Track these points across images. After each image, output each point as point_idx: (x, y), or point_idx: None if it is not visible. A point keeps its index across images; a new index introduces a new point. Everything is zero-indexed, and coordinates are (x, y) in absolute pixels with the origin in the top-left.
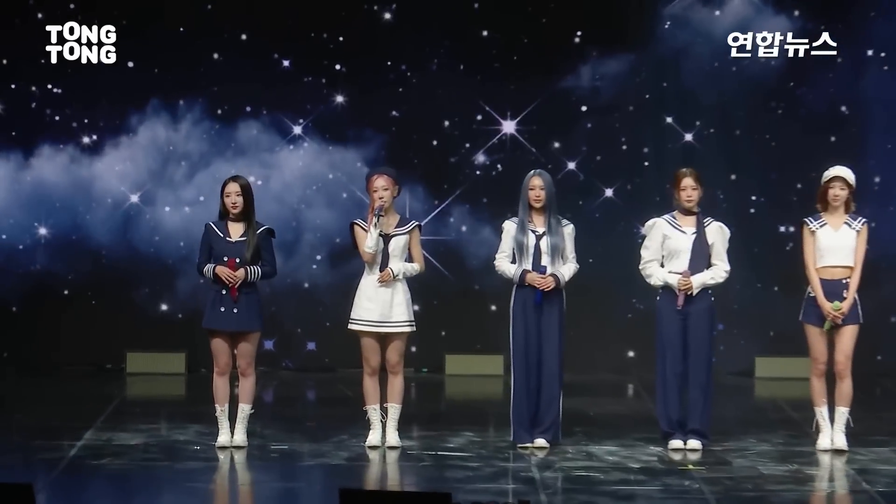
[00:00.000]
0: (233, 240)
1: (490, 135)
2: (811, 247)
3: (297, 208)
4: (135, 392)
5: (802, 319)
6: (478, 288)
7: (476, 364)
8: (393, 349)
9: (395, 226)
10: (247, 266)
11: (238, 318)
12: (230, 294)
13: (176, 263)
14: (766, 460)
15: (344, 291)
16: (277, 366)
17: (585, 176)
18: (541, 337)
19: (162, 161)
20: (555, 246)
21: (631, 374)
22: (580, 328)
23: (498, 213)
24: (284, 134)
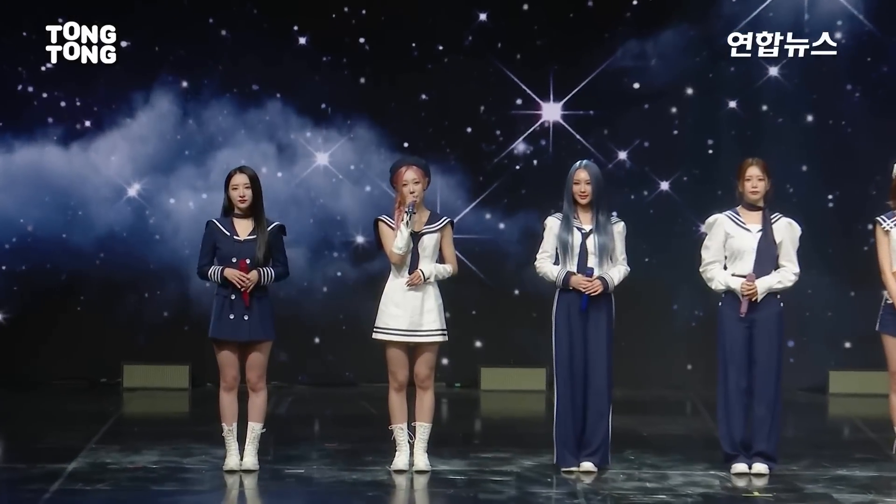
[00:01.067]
0: (241, 238)
1: (531, 121)
2: (886, 248)
3: (313, 203)
4: (132, 409)
5: (879, 329)
6: (517, 293)
7: (515, 378)
8: (423, 361)
9: (426, 223)
10: (259, 267)
11: (250, 326)
12: (241, 299)
13: (179, 264)
14: (841, 487)
15: (367, 296)
16: (292, 380)
17: (638, 167)
18: (587, 347)
19: (164, 149)
20: (603, 245)
21: (689, 389)
22: (632, 338)
23: (539, 208)
24: (299, 120)
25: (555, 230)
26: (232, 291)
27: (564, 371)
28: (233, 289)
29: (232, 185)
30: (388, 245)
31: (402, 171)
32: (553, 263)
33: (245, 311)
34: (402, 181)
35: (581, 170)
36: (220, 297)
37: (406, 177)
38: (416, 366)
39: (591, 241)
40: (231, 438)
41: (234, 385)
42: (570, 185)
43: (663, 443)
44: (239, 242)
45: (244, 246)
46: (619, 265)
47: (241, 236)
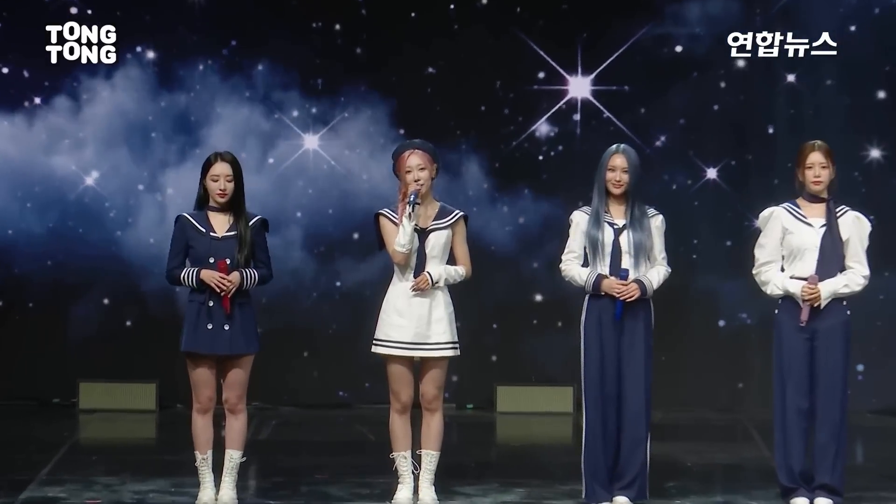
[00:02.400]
0: (219, 235)
1: (555, 97)
2: None
3: (301, 193)
4: (90, 434)
5: None
6: (539, 299)
7: (537, 399)
8: (430, 379)
9: (434, 217)
10: (241, 269)
11: (230, 337)
12: (221, 306)
13: (145, 265)
14: None
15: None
16: (276, 401)
17: (680, 151)
18: (621, 363)
19: (126, 131)
20: (639, 243)
21: (740, 411)
22: (673, 351)
23: (565, 200)
24: (285, 96)
25: (583, 226)
26: (209, 297)
27: (595, 390)
28: (210, 294)
29: (211, 174)
30: (391, 243)
31: (406, 156)
32: (581, 265)
33: (225, 319)
34: (406, 167)
35: (616, 155)
36: (194, 303)
37: (410, 162)
38: (423, 384)
39: (625, 238)
40: (205, 469)
41: (210, 406)
42: (602, 172)
43: (710, 474)
44: (217, 240)
45: (223, 244)
46: (658, 266)
47: (218, 233)
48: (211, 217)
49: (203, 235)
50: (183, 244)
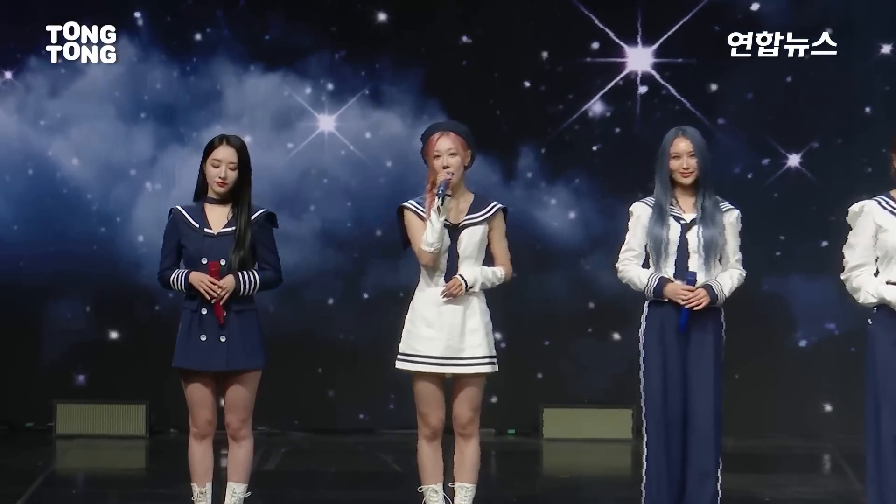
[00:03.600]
0: (214, 232)
1: (611, 71)
2: None
3: (314, 183)
4: (68, 464)
5: None
6: (592, 306)
7: (589, 423)
8: (464, 400)
9: (468, 211)
10: (237, 271)
11: (228, 351)
12: (214, 314)
13: (133, 267)
14: None
15: (390, 311)
16: (286, 425)
17: (758, 135)
18: (687, 381)
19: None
20: (710, 241)
21: (826, 438)
22: (747, 368)
23: (624, 190)
24: (297, 71)
25: (644, 220)
26: (202, 304)
27: (656, 413)
28: (203, 301)
29: (212, 159)
30: (417, 241)
31: (434, 138)
32: (642, 266)
33: (220, 330)
34: (434, 152)
35: (681, 138)
36: (187, 311)
37: (439, 146)
38: (456, 406)
39: (693, 235)
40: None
41: (209, 432)
42: (665, 158)
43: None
44: (211, 237)
45: (218, 242)
46: (732, 268)
47: (214, 229)
48: (208, 210)
49: (196, 231)
50: (175, 242)
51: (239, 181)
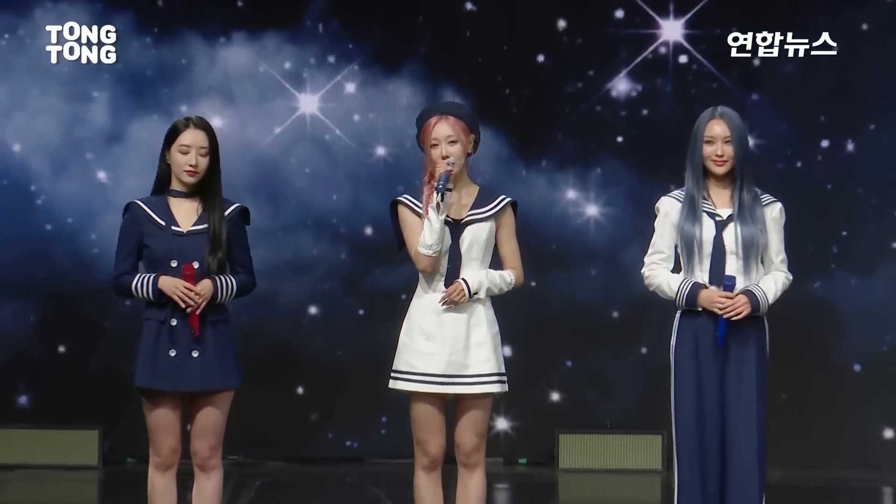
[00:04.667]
0: (185, 230)
1: (639, 44)
2: None
3: (294, 173)
4: (9, 499)
5: None
6: (615, 316)
7: (613, 451)
8: (469, 424)
9: (472, 206)
10: (214, 276)
11: (202, 368)
12: (189, 325)
13: (85, 271)
14: None
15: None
16: (262, 453)
17: (806, 118)
18: (726, 403)
19: (62, 91)
20: (749, 240)
21: (887, 468)
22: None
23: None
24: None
25: (674, 217)
26: (172, 313)
27: (690, 440)
28: (174, 309)
29: (179, 145)
30: (413, 242)
31: (432, 123)
32: (672, 270)
33: (194, 344)
34: (432, 140)
35: (716, 120)
36: (152, 322)
37: (437, 132)
38: (459, 431)
39: (730, 233)
40: None
41: (174, 461)
42: (698, 144)
43: None
44: (181, 236)
45: (189, 242)
46: (776, 272)
47: (183, 226)
48: (173, 205)
49: (162, 230)
50: (135, 242)
51: (209, 170)
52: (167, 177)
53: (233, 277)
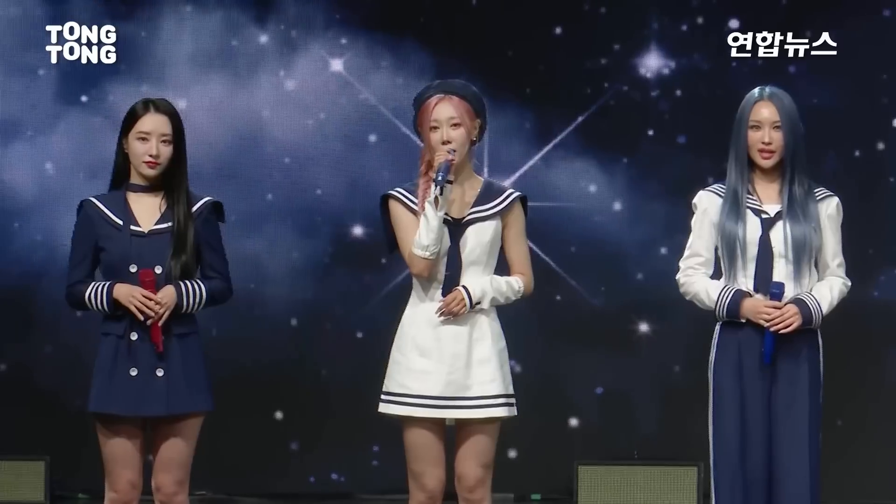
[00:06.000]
0: (145, 229)
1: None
2: None
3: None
4: None
5: None
6: (644, 329)
7: (641, 484)
8: (471, 453)
9: (475, 201)
10: (179, 282)
11: (167, 389)
12: (151, 339)
13: (28, 280)
14: None
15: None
16: (235, 487)
17: (865, 99)
18: (774, 428)
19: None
20: (800, 241)
21: None
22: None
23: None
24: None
25: (713, 216)
26: (132, 327)
27: (731, 471)
28: (133, 322)
29: (138, 132)
30: (408, 242)
31: (432, 104)
32: (711, 276)
33: (158, 362)
34: (431, 122)
35: (763, 103)
36: (110, 337)
37: (438, 114)
38: (461, 462)
39: (778, 232)
40: None
41: (133, 497)
42: (742, 130)
43: None
44: (141, 237)
45: (150, 243)
46: (832, 277)
47: (143, 226)
48: (132, 201)
49: (119, 230)
50: (89, 246)
51: (173, 160)
52: (125, 169)
53: (201, 283)
